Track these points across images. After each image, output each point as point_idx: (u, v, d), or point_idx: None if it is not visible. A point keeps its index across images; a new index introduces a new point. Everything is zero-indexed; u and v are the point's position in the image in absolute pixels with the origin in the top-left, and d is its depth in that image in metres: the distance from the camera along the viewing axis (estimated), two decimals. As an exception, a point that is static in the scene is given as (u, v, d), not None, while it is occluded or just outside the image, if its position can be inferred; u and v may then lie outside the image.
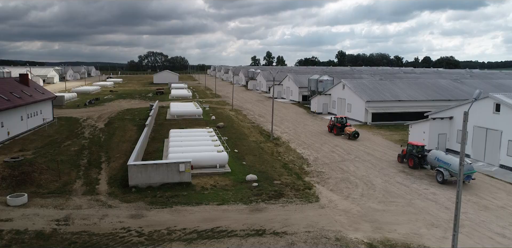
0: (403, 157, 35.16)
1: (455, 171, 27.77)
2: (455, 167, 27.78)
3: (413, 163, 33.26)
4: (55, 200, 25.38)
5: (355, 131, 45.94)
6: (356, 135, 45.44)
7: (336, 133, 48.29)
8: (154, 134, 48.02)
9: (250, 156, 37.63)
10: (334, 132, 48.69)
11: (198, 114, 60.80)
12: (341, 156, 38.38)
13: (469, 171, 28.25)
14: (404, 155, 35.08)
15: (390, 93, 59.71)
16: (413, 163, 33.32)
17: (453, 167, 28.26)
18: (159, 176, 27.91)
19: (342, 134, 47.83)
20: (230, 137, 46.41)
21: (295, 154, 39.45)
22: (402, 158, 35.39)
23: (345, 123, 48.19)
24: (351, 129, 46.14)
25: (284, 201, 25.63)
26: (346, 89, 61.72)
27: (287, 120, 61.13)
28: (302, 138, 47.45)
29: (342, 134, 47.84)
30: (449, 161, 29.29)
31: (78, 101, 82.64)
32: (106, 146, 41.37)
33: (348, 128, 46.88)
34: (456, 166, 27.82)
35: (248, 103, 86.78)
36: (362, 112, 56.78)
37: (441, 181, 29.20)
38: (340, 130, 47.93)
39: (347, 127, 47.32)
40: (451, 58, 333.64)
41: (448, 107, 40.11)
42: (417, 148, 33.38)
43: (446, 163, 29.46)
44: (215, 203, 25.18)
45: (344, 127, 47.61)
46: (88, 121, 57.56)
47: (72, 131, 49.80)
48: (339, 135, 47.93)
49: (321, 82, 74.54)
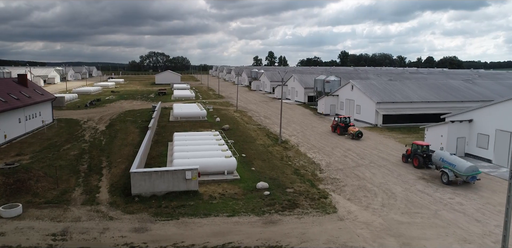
0: (408, 157, 34.72)
1: (459, 171, 28.15)
2: (460, 168, 28.19)
3: (418, 163, 32.96)
4: (52, 211, 23.48)
5: (359, 130, 45.53)
6: (359, 134, 45.20)
7: (339, 133, 47.99)
8: (157, 136, 46.13)
9: (258, 161, 35.69)
10: (338, 132, 48.34)
11: (202, 116, 58.90)
12: (354, 160, 36.40)
13: (474, 172, 28.22)
14: (408, 154, 34.67)
15: (400, 94, 57.68)
16: (418, 162, 33.00)
17: (458, 168, 28.36)
18: (164, 184, 26.00)
19: (345, 133, 47.45)
20: (237, 140, 44.50)
21: (305, 158, 37.50)
22: (406, 157, 34.90)
23: (348, 123, 47.92)
24: (355, 129, 45.79)
25: (300, 212, 23.68)
26: (355, 90, 59.73)
27: (294, 122, 59.17)
28: (312, 140, 45.49)
29: (345, 134, 47.45)
30: (454, 161, 29.08)
31: (79, 102, 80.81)
32: (107, 150, 39.49)
33: (352, 127, 46.43)
34: (461, 166, 28.29)
35: (252, 104, 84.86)
36: (372, 114, 54.77)
37: (446, 181, 28.99)
38: (344, 129, 47.62)
39: (350, 126, 46.88)
40: (454, 58, 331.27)
41: (467, 109, 38.07)
42: (422, 147, 33.34)
43: (451, 164, 29.18)
44: (225, 214, 23.27)
45: (348, 127, 47.18)
46: (89, 124, 55.71)
47: (72, 134, 47.94)
48: (342, 135, 47.60)
49: (328, 83, 72.55)
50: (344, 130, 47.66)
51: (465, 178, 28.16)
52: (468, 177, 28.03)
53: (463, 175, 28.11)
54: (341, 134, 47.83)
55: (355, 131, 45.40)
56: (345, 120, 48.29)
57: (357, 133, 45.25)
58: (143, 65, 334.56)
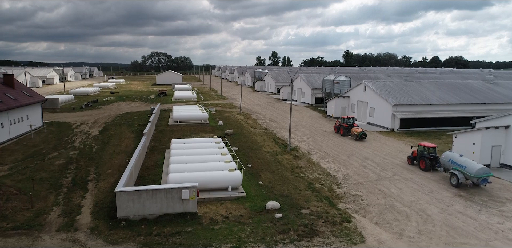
0: (414, 159, 33.23)
1: (470, 173, 26.70)
2: (470, 170, 26.71)
3: (425, 165, 31.61)
4: (18, 241, 19.33)
5: (363, 131, 44.24)
6: (363, 135, 43.87)
7: (342, 133, 46.87)
8: (154, 143, 41.98)
9: (267, 173, 31.44)
10: (341, 132, 47.24)
11: (204, 119, 54.71)
12: (376, 172, 32.07)
13: (485, 174, 26.72)
14: (414, 157, 33.15)
15: (418, 96, 53.20)
16: (425, 165, 31.64)
17: (468, 170, 26.89)
18: (156, 205, 21.81)
19: (348, 134, 46.37)
20: (241, 146, 40.28)
21: (319, 169, 33.21)
22: (412, 160, 33.36)
23: (352, 123, 46.73)
24: (359, 130, 44.45)
25: (320, 243, 19.40)
26: (369, 91, 55.34)
27: (303, 126, 54.86)
28: (324, 147, 41.18)
29: (348, 135, 46.37)
30: (464, 163, 27.58)
31: (74, 104, 76.76)
32: (97, 159, 35.38)
33: (355, 128, 45.16)
34: (472, 168, 26.74)
35: (257, 106, 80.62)
36: (388, 117, 50.35)
37: (455, 184, 27.59)
38: (347, 130, 46.45)
39: (354, 127, 45.63)
40: (460, 58, 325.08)
41: (504, 114, 33.60)
42: (429, 149, 31.92)
43: (461, 166, 27.70)
44: (229, 244, 19.04)
45: (351, 127, 46.00)
46: (82, 128, 51.66)
47: (61, 139, 43.88)
48: (345, 135, 46.48)
49: (338, 84, 68.17)
50: (347, 131, 46.40)
51: (476, 180, 26.60)
52: (479, 179, 26.46)
53: (473, 177, 26.56)
54: (344, 134, 46.60)
55: (359, 132, 43.90)
56: (348, 121, 46.94)
57: (361, 134, 43.78)
58: (145, 65, 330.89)
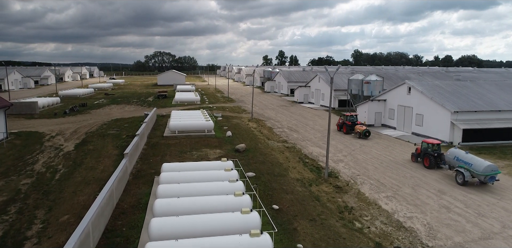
0: (417, 156, 32.27)
1: (476, 171, 25.59)
2: (477, 167, 25.61)
3: (429, 163, 30.41)
4: None
5: (366, 129, 42.63)
6: (367, 133, 42.35)
7: (345, 132, 45.52)
8: (141, 164, 31.23)
9: (304, 222, 20.47)
10: (344, 130, 45.78)
11: (208, 129, 43.92)
12: (468, 219, 20.97)
13: (493, 172, 25.44)
14: (418, 154, 32.13)
15: (482, 101, 41.95)
16: (429, 162, 30.43)
17: (475, 167, 25.83)
18: None
19: (352, 132, 45.08)
20: (258, 170, 29.43)
21: (380, 212, 22.21)
22: (416, 157, 32.39)
23: (355, 121, 45.52)
24: (362, 128, 42.90)
25: None
26: (415, 93, 44.19)
27: (332, 138, 43.75)
28: (372, 173, 30.12)
29: (352, 133, 45.06)
30: (470, 160, 26.46)
31: (58, 109, 66.16)
32: (56, 193, 24.67)
33: (359, 126, 43.66)
34: (479, 166, 25.60)
35: (269, 109, 69.65)
36: (446, 128, 39.14)
37: (461, 182, 26.43)
38: (350, 128, 45.13)
39: (357, 125, 44.20)
40: (473, 57, 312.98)
41: None
42: (433, 146, 30.89)
43: (467, 163, 26.56)
44: None
45: (355, 125, 44.66)
46: (55, 140, 41.06)
47: (20, 158, 33.32)
48: (348, 134, 45.15)
49: (368, 84, 57.09)
50: (350, 129, 45.16)
51: (483, 178, 25.47)
52: (486, 177, 25.34)
53: (481, 175, 25.44)
54: (347, 132, 45.37)
55: (363, 130, 42.51)
56: (351, 118, 45.61)
57: (365, 132, 42.35)
58: (148, 65, 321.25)
